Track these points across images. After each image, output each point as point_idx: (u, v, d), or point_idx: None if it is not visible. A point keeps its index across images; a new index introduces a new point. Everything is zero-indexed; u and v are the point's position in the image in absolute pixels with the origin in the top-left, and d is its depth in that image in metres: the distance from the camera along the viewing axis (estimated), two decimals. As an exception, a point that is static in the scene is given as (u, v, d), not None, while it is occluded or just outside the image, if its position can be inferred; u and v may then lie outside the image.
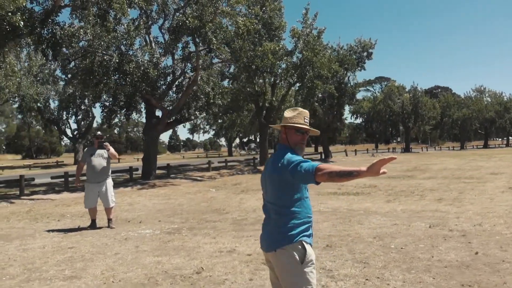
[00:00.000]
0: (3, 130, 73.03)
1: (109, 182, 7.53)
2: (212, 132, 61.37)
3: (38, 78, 30.94)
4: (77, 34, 14.90)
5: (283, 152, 2.48)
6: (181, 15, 16.21)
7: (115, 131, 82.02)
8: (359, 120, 79.60)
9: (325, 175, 2.19)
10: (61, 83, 28.86)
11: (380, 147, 69.29)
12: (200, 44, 15.73)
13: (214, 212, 8.81)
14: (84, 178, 7.63)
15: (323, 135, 38.65)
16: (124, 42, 14.50)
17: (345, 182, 2.34)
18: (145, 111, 18.13)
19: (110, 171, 7.64)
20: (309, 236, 2.51)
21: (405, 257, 4.94)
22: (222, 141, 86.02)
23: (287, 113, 2.60)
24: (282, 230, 2.42)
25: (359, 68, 31.55)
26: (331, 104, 34.64)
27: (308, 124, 2.60)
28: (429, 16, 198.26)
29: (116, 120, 29.41)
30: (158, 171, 19.15)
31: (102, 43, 14.51)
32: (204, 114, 22.46)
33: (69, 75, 17.91)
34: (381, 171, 2.15)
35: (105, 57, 14.27)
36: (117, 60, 14.25)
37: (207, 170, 21.50)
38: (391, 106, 48.51)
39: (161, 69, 16.20)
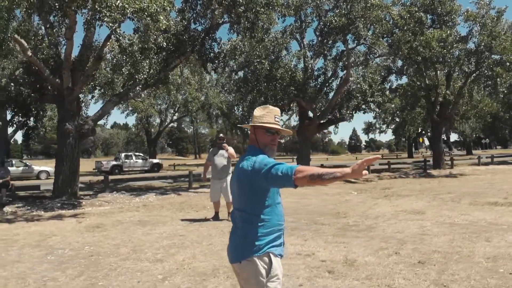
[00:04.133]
0: (206, 133, 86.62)
1: (229, 179, 8.25)
2: (390, 132, 57.85)
3: (225, 88, 35.66)
4: (238, 47, 16.68)
5: (253, 154, 2.31)
6: (330, 16, 16.20)
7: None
8: None
9: (306, 178, 2.04)
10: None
11: None
12: (350, 41, 15.37)
13: (332, 215, 8.56)
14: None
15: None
16: (273, 50, 15.39)
17: (327, 184, 2.18)
18: (298, 113, 18.76)
19: (231, 169, 8.36)
20: (279, 245, 2.36)
21: (503, 285, 3.92)
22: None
23: (256, 112, 2.45)
24: (248, 240, 2.27)
25: None
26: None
27: (279, 123, 2.42)
28: None
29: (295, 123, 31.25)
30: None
31: (257, 53, 15.75)
32: (366, 113, 21.56)
33: (237, 85, 20.10)
34: (363, 172, 1.99)
35: (257, 65, 15.45)
36: (267, 68, 15.25)
37: (367, 172, 20.64)
38: None
39: (311, 71, 16.51)
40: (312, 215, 8.60)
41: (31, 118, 13.12)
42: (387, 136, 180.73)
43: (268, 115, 2.40)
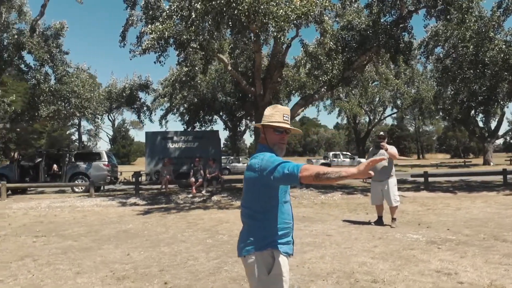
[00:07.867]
0: (431, 130, 79.76)
1: (391, 181, 7.64)
2: None
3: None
4: (440, 32, 14.98)
5: (262, 153, 2.40)
6: None
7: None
8: None
9: (311, 176, 2.10)
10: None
11: None
12: None
13: (530, 231, 6.74)
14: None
15: None
16: (478, 31, 13.00)
17: (333, 183, 2.28)
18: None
19: (393, 171, 7.72)
20: (285, 243, 2.39)
21: None
22: None
23: (266, 111, 2.53)
24: (253, 236, 2.35)
25: None
26: None
27: (288, 122, 2.47)
28: None
29: None
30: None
31: (459, 36, 13.77)
32: None
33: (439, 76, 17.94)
34: (370, 173, 2.03)
35: (459, 51, 13.43)
36: (472, 52, 13.06)
37: None
38: None
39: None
40: (500, 230, 7.00)
41: (237, 123, 15.44)
42: None
43: (277, 114, 2.44)
